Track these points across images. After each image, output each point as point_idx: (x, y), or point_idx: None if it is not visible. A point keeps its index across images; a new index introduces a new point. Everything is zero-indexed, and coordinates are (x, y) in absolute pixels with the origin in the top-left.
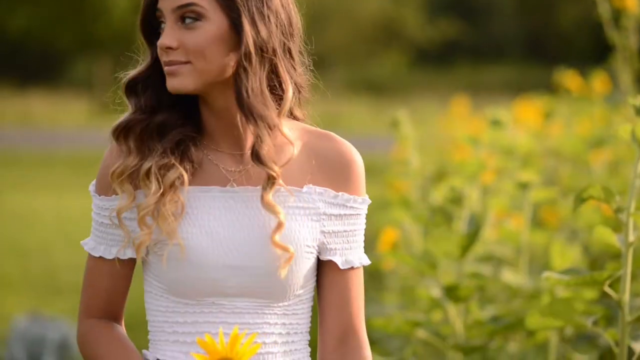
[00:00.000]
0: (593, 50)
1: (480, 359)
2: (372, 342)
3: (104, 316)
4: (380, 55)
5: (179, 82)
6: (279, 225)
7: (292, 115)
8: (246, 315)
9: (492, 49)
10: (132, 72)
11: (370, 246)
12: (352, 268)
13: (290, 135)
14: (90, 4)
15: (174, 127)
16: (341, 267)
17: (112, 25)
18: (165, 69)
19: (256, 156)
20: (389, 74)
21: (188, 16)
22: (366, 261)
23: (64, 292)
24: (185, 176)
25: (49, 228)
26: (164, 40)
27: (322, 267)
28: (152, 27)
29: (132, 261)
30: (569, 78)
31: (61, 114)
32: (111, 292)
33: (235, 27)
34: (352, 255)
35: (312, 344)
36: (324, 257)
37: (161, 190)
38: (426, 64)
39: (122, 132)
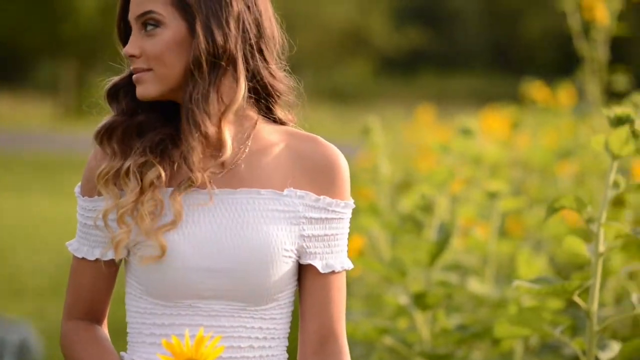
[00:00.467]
0: (557, 61)
1: None
2: None
3: (86, 317)
4: (346, 62)
5: (143, 89)
6: (172, 223)
7: (274, 117)
8: (222, 318)
9: (458, 58)
10: (114, 79)
11: None
12: (333, 272)
13: (241, 138)
14: (57, 5)
15: (154, 128)
16: (321, 271)
17: (78, 28)
18: (133, 77)
19: (184, 160)
20: (355, 82)
21: (149, 23)
22: (349, 265)
23: (25, 294)
24: (163, 175)
25: (11, 230)
26: (127, 48)
27: (303, 271)
28: (127, 36)
29: (115, 263)
30: (535, 89)
31: (26, 115)
32: (94, 294)
33: (192, 33)
34: (333, 259)
35: (292, 350)
36: (304, 261)
37: (139, 187)
38: (392, 72)
39: (104, 135)
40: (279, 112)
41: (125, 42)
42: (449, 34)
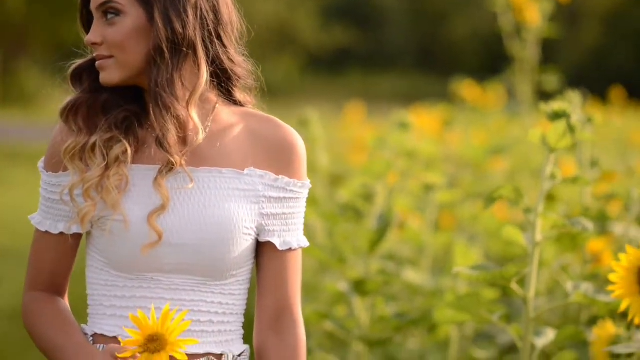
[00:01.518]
0: (484, 62)
1: (383, 353)
2: None
3: (48, 289)
4: (272, 59)
5: (106, 75)
6: (161, 207)
7: (233, 100)
8: (182, 292)
9: (385, 57)
10: (77, 62)
11: None
12: (290, 250)
13: (209, 121)
14: None
15: (118, 105)
16: (279, 248)
17: (4, 17)
18: (96, 63)
19: (160, 143)
20: (281, 79)
21: (109, 12)
22: (305, 243)
23: None
24: (129, 151)
25: None
26: (89, 36)
27: (261, 248)
28: (89, 23)
29: (77, 236)
30: (464, 88)
31: None
32: (56, 266)
33: (151, 21)
34: (290, 237)
35: (246, 326)
36: (263, 239)
37: (105, 162)
38: (318, 70)
39: (70, 112)
40: (238, 95)
41: (87, 29)
42: (376, 33)
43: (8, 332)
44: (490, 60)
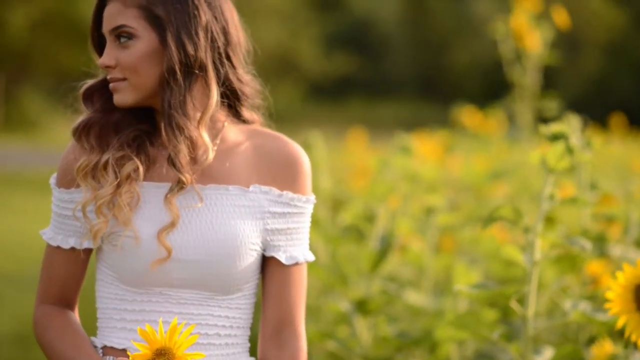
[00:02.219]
0: (484, 90)
1: None
2: None
3: (59, 303)
4: (275, 86)
5: (119, 97)
6: (171, 224)
7: (241, 118)
8: (191, 306)
9: (386, 85)
10: (89, 82)
11: None
12: (296, 264)
13: (217, 139)
14: None
15: (130, 124)
16: (285, 263)
17: (7, 43)
18: (109, 86)
19: (172, 163)
20: (283, 106)
21: (122, 35)
22: (310, 257)
23: None
24: (141, 168)
25: None
26: (102, 59)
27: (267, 262)
28: (101, 45)
29: (88, 251)
30: (465, 115)
31: None
32: (66, 280)
33: (164, 44)
34: (296, 251)
35: (252, 340)
36: (268, 254)
37: (117, 180)
38: (320, 97)
39: (82, 131)
40: (246, 113)
41: (99, 51)
42: (378, 61)
43: (11, 357)
44: (491, 87)
